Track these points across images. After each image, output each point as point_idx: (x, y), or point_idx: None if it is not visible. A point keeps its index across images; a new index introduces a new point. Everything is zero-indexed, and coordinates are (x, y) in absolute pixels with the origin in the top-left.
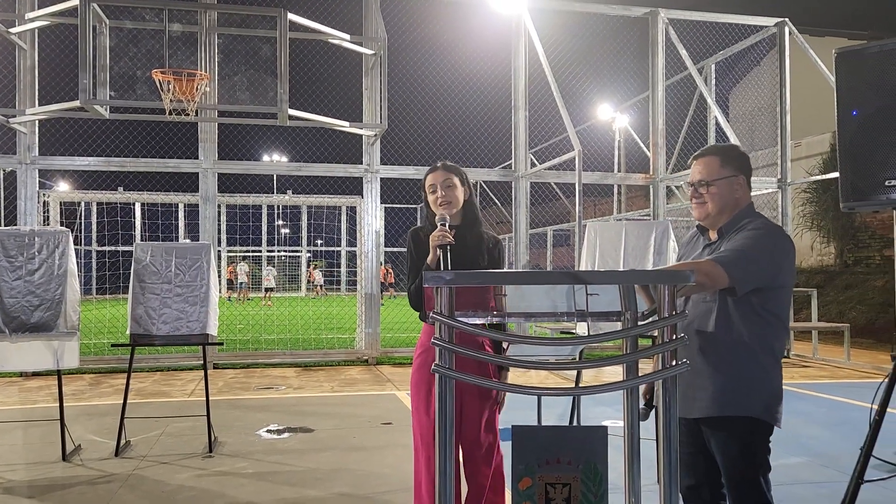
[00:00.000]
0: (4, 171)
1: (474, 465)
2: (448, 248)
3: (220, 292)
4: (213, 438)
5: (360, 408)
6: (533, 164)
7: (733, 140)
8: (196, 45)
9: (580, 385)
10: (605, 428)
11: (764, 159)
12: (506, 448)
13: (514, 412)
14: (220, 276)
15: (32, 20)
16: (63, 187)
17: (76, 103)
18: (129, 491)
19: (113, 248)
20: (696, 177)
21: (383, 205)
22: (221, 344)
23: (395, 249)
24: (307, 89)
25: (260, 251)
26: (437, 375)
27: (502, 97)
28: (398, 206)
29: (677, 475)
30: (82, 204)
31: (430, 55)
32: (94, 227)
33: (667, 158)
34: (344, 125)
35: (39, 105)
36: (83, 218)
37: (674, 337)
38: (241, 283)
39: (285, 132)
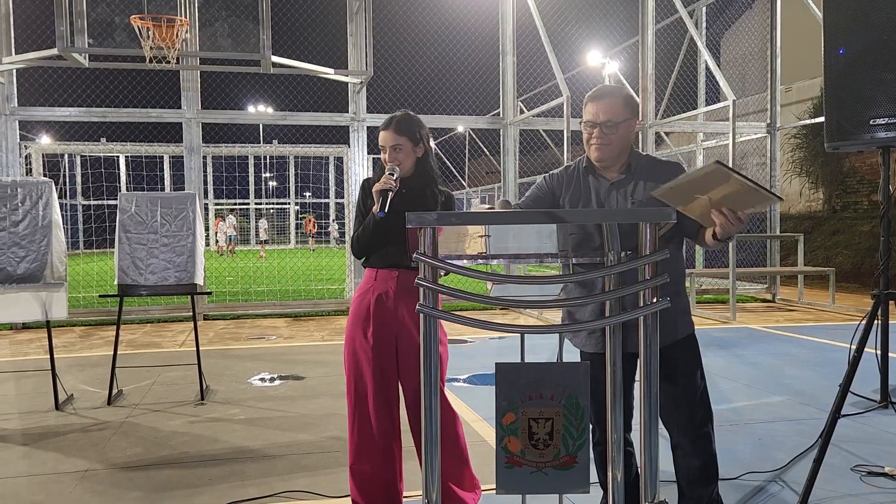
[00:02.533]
0: None
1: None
2: (389, 194)
3: (206, 245)
4: (204, 387)
5: None
6: (522, 112)
7: (724, 86)
8: None
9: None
10: (587, 364)
11: (754, 105)
12: (481, 391)
13: (499, 357)
14: (207, 231)
15: None
16: (45, 140)
17: (54, 51)
18: (122, 437)
19: (98, 201)
20: (600, 117)
21: (371, 155)
22: (210, 293)
23: None
24: (291, 36)
25: (247, 204)
26: (421, 316)
27: (490, 43)
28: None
29: (657, 407)
30: (65, 156)
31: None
32: (78, 179)
33: (656, 104)
34: (329, 72)
35: (16, 54)
36: (67, 170)
37: (654, 274)
38: (231, 237)
39: (270, 80)
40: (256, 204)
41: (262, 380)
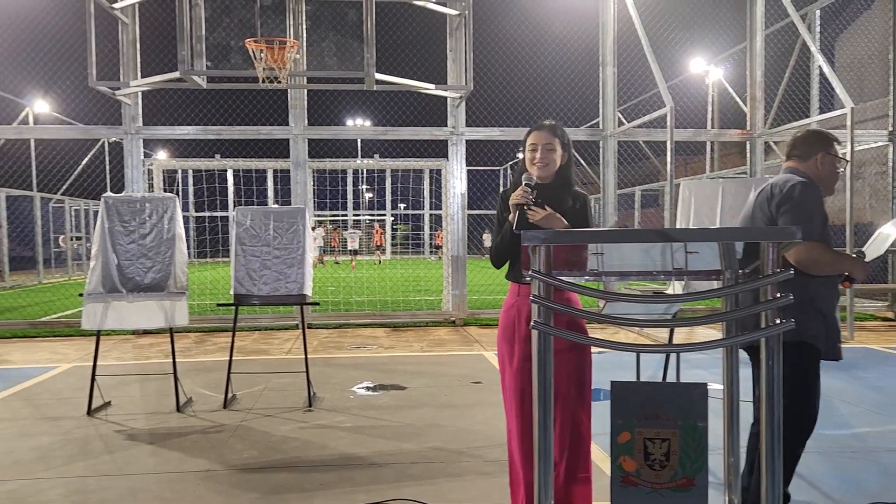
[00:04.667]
0: (108, 141)
1: (563, 419)
2: (525, 208)
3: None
4: (312, 394)
5: (450, 367)
6: (621, 123)
7: (840, 92)
8: (285, 13)
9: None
10: (705, 385)
11: (872, 111)
12: (599, 407)
13: (604, 373)
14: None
15: None
16: (161, 155)
17: (176, 74)
18: (238, 440)
19: (208, 213)
20: None
21: (469, 167)
22: (317, 304)
23: (480, 212)
24: (392, 53)
25: (345, 215)
26: (535, 332)
27: (588, 54)
28: (480, 168)
29: (780, 437)
30: (179, 171)
31: (515, 13)
32: (190, 193)
33: (765, 113)
34: (429, 88)
35: (142, 77)
36: (181, 185)
37: (778, 295)
38: (320, 248)
39: (369, 96)
40: (355, 215)
41: (366, 389)
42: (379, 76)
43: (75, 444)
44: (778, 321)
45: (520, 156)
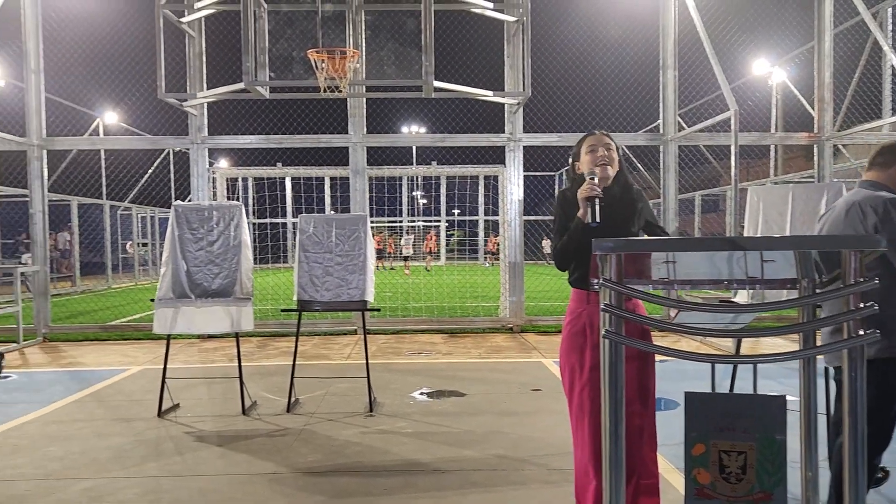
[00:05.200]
0: (173, 150)
1: (629, 428)
2: (597, 200)
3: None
4: (372, 399)
5: (509, 374)
6: (681, 127)
7: None
8: (345, 23)
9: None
10: (784, 397)
11: None
12: (667, 416)
13: (662, 382)
14: None
15: (200, 9)
16: (222, 164)
17: (241, 85)
18: (302, 444)
19: (266, 220)
20: None
21: (526, 173)
22: (378, 310)
23: (535, 218)
24: (448, 60)
25: (400, 221)
26: (606, 341)
27: (646, 57)
28: (535, 173)
29: (864, 452)
30: (240, 179)
31: (570, 18)
32: (250, 200)
33: (833, 115)
34: (487, 94)
35: (207, 89)
36: (241, 192)
37: (861, 305)
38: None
39: (423, 103)
40: (409, 221)
41: (425, 394)
42: (437, 84)
43: (147, 444)
44: (861, 332)
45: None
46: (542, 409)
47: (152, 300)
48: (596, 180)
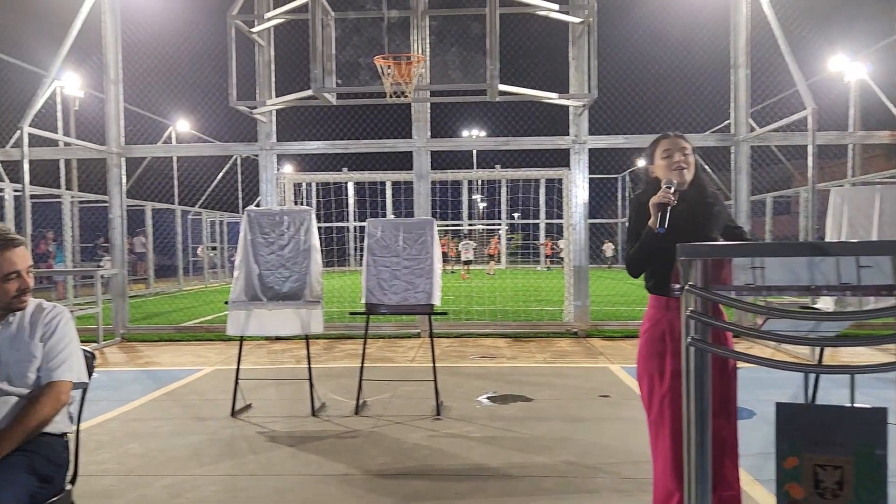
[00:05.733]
0: (241, 157)
1: (712, 439)
2: (668, 208)
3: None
4: (439, 402)
5: (575, 379)
6: (752, 128)
7: None
8: (410, 28)
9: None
10: (885, 410)
11: None
12: (744, 425)
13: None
14: None
15: (270, 19)
16: (287, 169)
17: (308, 92)
18: (372, 446)
19: (333, 224)
20: None
21: (591, 176)
22: (445, 314)
23: (598, 221)
24: (512, 63)
25: (459, 225)
26: (692, 349)
27: (714, 56)
28: (598, 176)
29: None
30: (304, 184)
31: (635, 18)
32: (314, 205)
33: None
34: (552, 97)
35: (276, 96)
36: (305, 197)
37: None
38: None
39: (484, 107)
40: (469, 225)
41: (491, 399)
42: (501, 87)
43: (222, 443)
44: None
45: (640, 163)
46: (612, 416)
47: (226, 302)
48: (672, 189)
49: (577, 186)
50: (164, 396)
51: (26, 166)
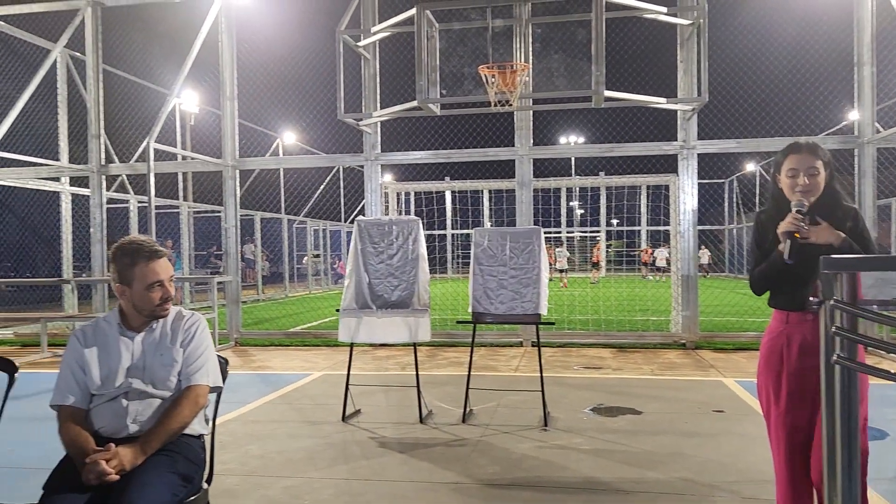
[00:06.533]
0: (343, 167)
1: None
2: (797, 237)
3: None
4: (546, 413)
5: (685, 392)
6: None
7: None
8: (513, 37)
9: None
10: None
11: None
12: (876, 447)
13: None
14: None
15: (376, 32)
16: (386, 178)
17: (414, 103)
18: (480, 455)
19: (435, 232)
20: None
21: (700, 181)
22: (552, 324)
23: (707, 227)
24: (616, 68)
25: (558, 233)
26: (837, 368)
27: (831, 54)
28: (704, 181)
29: None
30: (402, 193)
31: (745, 16)
32: (412, 213)
33: None
34: (661, 102)
35: (380, 108)
36: (404, 206)
37: None
38: None
39: (582, 113)
40: (568, 233)
41: (598, 411)
42: (607, 93)
43: (335, 447)
44: None
45: (749, 167)
46: (727, 432)
47: (337, 310)
48: (803, 211)
49: (686, 193)
50: (278, 399)
51: (152, 179)
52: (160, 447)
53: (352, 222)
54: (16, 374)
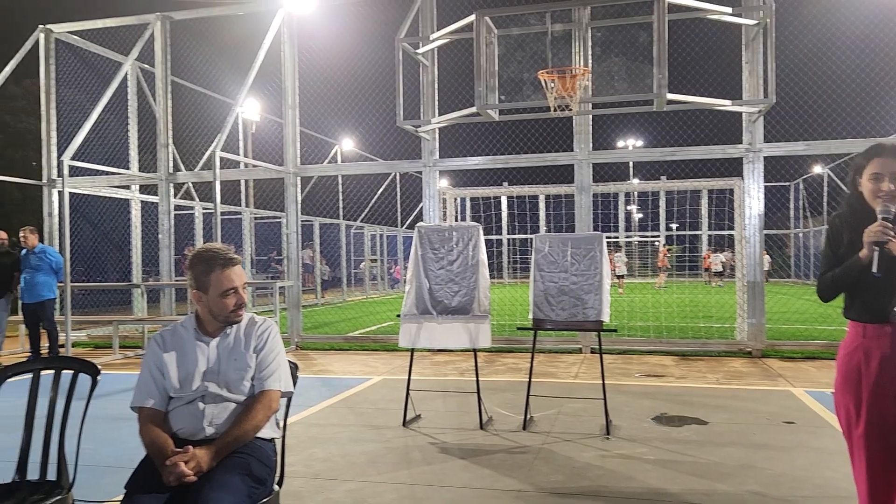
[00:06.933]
0: (400, 173)
1: None
2: (885, 249)
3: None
4: (609, 421)
5: (753, 403)
6: None
7: None
8: (573, 41)
9: None
10: None
11: None
12: None
13: None
14: None
15: (434, 39)
16: (443, 183)
17: (472, 109)
18: (542, 463)
19: (492, 237)
20: None
21: (767, 183)
22: (615, 331)
23: (773, 232)
24: (676, 70)
25: (616, 237)
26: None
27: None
28: (769, 184)
29: None
30: (458, 198)
31: (812, 13)
32: (468, 219)
33: None
34: (725, 104)
35: (439, 114)
36: (460, 211)
37: None
38: None
39: (641, 117)
40: (626, 237)
41: (661, 420)
42: (669, 96)
43: (397, 452)
44: None
45: (816, 169)
46: (799, 445)
47: (398, 315)
48: (891, 217)
49: (751, 197)
50: (340, 403)
51: (217, 187)
52: (235, 450)
53: (408, 227)
54: (98, 377)
